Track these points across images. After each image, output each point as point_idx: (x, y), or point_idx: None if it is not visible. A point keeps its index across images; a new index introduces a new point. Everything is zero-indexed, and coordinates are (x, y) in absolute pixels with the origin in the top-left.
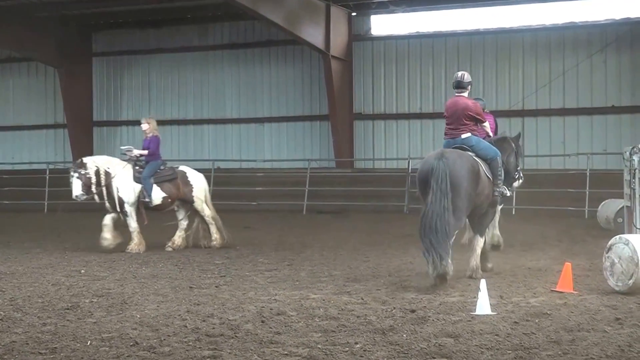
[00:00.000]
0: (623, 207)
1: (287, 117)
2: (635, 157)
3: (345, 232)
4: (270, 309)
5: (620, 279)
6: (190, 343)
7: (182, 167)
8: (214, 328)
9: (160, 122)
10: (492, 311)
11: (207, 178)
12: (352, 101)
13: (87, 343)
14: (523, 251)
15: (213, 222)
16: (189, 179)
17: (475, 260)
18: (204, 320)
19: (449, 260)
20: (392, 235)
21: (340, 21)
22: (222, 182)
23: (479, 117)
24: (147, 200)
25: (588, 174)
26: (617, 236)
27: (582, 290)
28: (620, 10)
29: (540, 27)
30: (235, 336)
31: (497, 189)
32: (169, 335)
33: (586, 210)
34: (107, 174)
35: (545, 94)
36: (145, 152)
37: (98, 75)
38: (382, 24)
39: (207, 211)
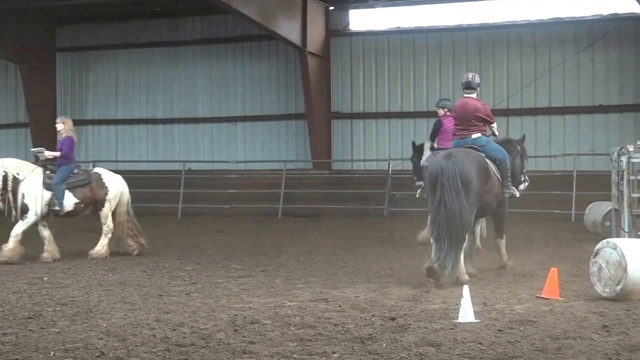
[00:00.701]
0: (611, 210)
1: (262, 116)
2: (623, 158)
3: (322, 237)
4: (244, 317)
5: (607, 284)
6: (160, 353)
7: (97, 169)
8: (184, 337)
9: (128, 122)
10: (475, 319)
11: (178, 180)
12: (330, 99)
13: (50, 354)
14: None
15: (109, 233)
16: (104, 181)
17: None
18: (174, 330)
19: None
20: (371, 240)
21: (317, 16)
22: (193, 184)
23: (488, 118)
24: (57, 208)
25: (575, 175)
26: (605, 240)
27: (569, 297)
28: (608, 6)
29: (525, 23)
30: (207, 346)
31: (507, 190)
32: (137, 346)
33: (573, 214)
34: (15, 179)
35: (531, 93)
36: (58, 154)
37: (62, 72)
38: (360, 19)
39: (109, 221)
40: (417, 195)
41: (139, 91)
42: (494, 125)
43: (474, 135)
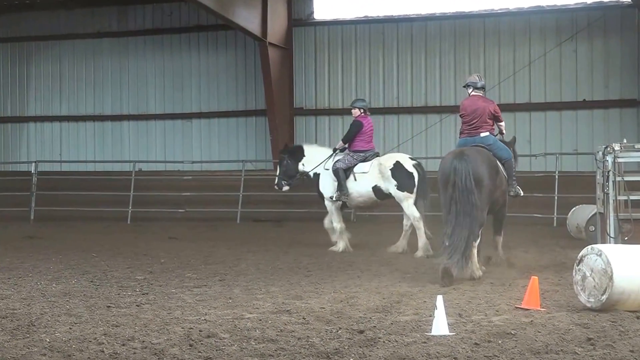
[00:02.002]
0: (595, 213)
1: (219, 113)
2: (608, 158)
3: (284, 243)
4: (200, 331)
5: (592, 294)
6: None
7: None
8: (135, 353)
9: (74, 118)
10: (449, 331)
11: (127, 182)
12: (293, 94)
13: None
14: (484, 264)
15: None
16: None
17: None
18: (123, 345)
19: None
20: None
21: (279, 4)
22: (144, 186)
23: (498, 115)
24: None
25: (557, 176)
26: (589, 246)
27: (551, 307)
28: None
29: (503, 12)
30: None
31: (513, 189)
32: None
33: (555, 217)
34: None
35: (509, 87)
36: None
37: (1, 64)
38: (326, 7)
39: None
40: (334, 199)
41: (85, 85)
42: (503, 123)
43: (482, 134)
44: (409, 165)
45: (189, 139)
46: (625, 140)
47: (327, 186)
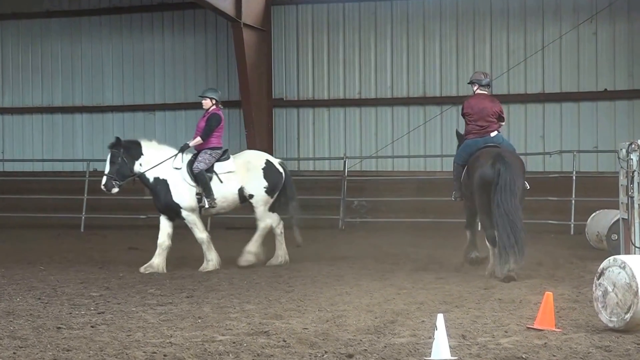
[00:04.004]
0: (618, 220)
1: (186, 104)
2: (633, 156)
3: (261, 253)
4: (164, 355)
5: (614, 312)
6: None
7: None
8: None
9: (18, 111)
10: (452, 355)
11: (80, 184)
12: (271, 83)
13: None
14: (491, 277)
15: None
16: None
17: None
18: None
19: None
20: (323, 258)
21: None
22: (100, 189)
23: (502, 115)
24: None
25: (574, 177)
26: (611, 257)
27: (567, 328)
28: None
29: None
30: None
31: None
32: None
33: (572, 225)
34: None
35: (520, 75)
36: None
37: None
38: None
39: None
40: (207, 206)
41: (32, 73)
42: (503, 124)
43: (492, 134)
44: (277, 164)
45: (152, 134)
46: None
47: (184, 193)
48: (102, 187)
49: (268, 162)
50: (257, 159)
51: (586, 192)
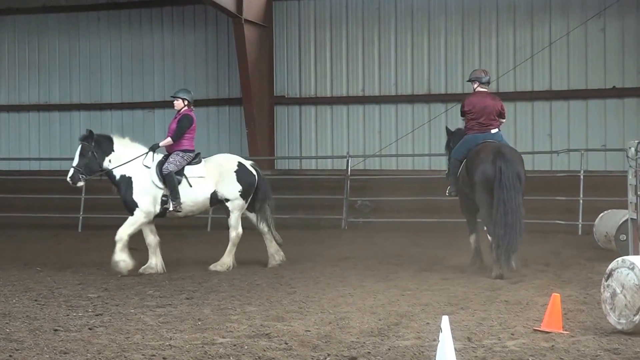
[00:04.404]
0: (627, 220)
1: None
2: None
3: (263, 254)
4: (163, 358)
5: (623, 314)
6: None
7: None
8: None
9: (15, 108)
10: (457, 358)
11: None
12: (273, 80)
13: None
14: (497, 279)
15: None
16: None
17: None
18: None
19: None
20: (325, 258)
21: None
22: (98, 188)
23: (504, 112)
24: None
25: (582, 176)
26: (620, 258)
27: (575, 330)
28: None
29: None
30: None
31: None
32: None
33: (579, 225)
34: None
35: (526, 72)
36: None
37: None
38: None
39: None
40: (170, 209)
41: (29, 69)
42: (504, 121)
43: (493, 131)
44: (249, 166)
45: (151, 132)
46: None
47: (144, 194)
48: (68, 179)
49: (240, 165)
50: (229, 162)
51: (594, 191)
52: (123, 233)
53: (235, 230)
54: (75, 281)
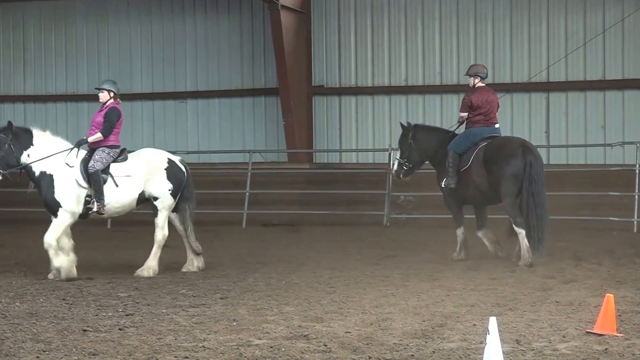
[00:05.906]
0: None
1: (219, 92)
2: None
3: (301, 253)
4: None
5: None
6: None
7: None
8: None
9: (41, 98)
10: None
11: None
12: (311, 70)
13: None
14: (547, 278)
15: None
16: None
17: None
18: None
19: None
20: (366, 257)
21: None
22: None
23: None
24: None
25: (637, 170)
26: None
27: (629, 332)
28: None
29: None
30: None
31: None
32: None
33: (635, 222)
34: None
35: (579, 61)
36: None
37: None
38: None
39: None
40: (94, 210)
41: (55, 57)
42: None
43: (496, 125)
44: (178, 162)
45: (183, 123)
46: None
47: (69, 193)
48: None
49: (170, 162)
50: (158, 158)
51: None
52: (51, 239)
53: (162, 231)
54: (104, 280)
